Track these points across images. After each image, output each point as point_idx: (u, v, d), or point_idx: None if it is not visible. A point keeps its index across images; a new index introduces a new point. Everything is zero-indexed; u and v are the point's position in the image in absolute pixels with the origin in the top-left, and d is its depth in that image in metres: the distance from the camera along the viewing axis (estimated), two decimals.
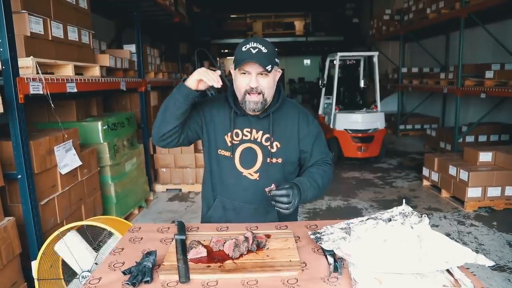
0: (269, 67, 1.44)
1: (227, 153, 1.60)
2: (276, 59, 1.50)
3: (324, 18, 16.07)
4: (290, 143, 1.60)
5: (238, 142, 1.59)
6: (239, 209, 1.63)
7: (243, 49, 1.46)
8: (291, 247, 1.29)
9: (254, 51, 1.43)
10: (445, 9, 6.28)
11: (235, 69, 1.52)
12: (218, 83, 1.40)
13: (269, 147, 1.58)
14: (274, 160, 1.58)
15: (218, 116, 1.63)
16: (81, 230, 2.16)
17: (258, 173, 1.59)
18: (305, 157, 1.63)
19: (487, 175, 4.11)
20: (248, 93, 1.49)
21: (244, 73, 1.48)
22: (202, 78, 1.41)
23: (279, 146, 1.58)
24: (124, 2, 4.82)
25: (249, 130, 1.59)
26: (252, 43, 1.46)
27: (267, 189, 1.37)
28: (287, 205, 1.34)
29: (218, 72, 1.44)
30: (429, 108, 9.34)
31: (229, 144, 1.59)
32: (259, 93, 1.49)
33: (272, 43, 1.55)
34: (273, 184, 1.38)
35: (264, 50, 1.45)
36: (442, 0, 6.38)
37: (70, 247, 1.98)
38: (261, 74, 1.47)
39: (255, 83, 1.47)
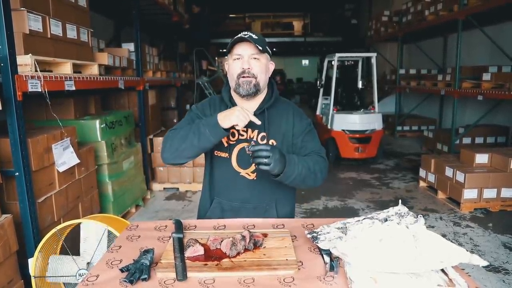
0: (260, 47, 1.50)
1: (224, 154, 1.60)
2: (267, 48, 1.56)
3: (323, 19, 16.12)
4: (285, 140, 1.61)
5: (234, 142, 1.60)
6: (237, 210, 1.63)
7: (235, 37, 1.53)
8: (288, 246, 1.30)
9: (245, 36, 1.51)
10: (444, 11, 6.32)
11: (228, 55, 1.58)
12: (257, 121, 1.44)
13: None
14: None
15: None
16: (78, 229, 2.16)
17: (255, 173, 1.60)
18: (298, 152, 1.62)
19: (483, 176, 4.13)
20: (242, 77, 1.52)
21: (237, 58, 1.54)
22: (239, 124, 1.39)
23: (275, 144, 1.59)
24: (123, 0, 4.82)
25: (245, 129, 1.59)
26: (243, 32, 1.55)
27: (246, 146, 1.38)
28: (266, 160, 1.33)
29: (252, 116, 1.43)
30: (427, 110, 9.38)
31: (226, 144, 1.60)
32: (251, 77, 1.52)
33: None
34: (252, 141, 1.42)
35: (254, 36, 1.52)
36: (440, 2, 6.41)
37: (92, 234, 2.02)
38: (254, 58, 1.52)
39: (247, 64, 1.51)
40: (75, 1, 3.04)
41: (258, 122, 1.44)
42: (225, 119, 1.40)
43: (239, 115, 1.39)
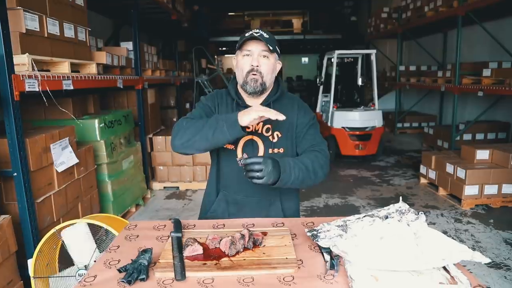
0: (271, 47, 1.50)
1: (230, 146, 1.60)
2: (277, 47, 1.56)
3: (322, 16, 16.06)
4: (289, 132, 1.61)
5: None
6: (242, 203, 1.63)
7: (246, 34, 1.54)
8: (288, 244, 1.29)
9: (257, 35, 1.51)
10: (443, 7, 6.29)
11: (237, 50, 1.57)
12: (281, 116, 1.35)
13: (270, 137, 1.59)
14: (276, 151, 1.59)
15: (221, 109, 1.64)
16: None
17: None
18: (297, 142, 1.62)
19: (484, 173, 4.12)
20: (250, 74, 1.53)
21: (247, 55, 1.54)
22: (265, 115, 1.33)
23: (280, 135, 1.59)
24: None
25: None
26: (255, 29, 1.55)
27: (237, 159, 1.36)
28: (258, 174, 1.31)
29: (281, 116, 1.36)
30: (427, 106, 9.36)
31: None
32: (259, 75, 1.53)
33: None
34: (245, 154, 1.39)
35: (266, 35, 1.52)
36: None
37: (76, 238, 1.99)
38: (263, 56, 1.53)
39: (256, 62, 1.52)
40: (72, 0, 3.02)
41: (282, 117, 1.36)
42: (245, 114, 1.36)
43: (259, 110, 1.36)
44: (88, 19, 3.29)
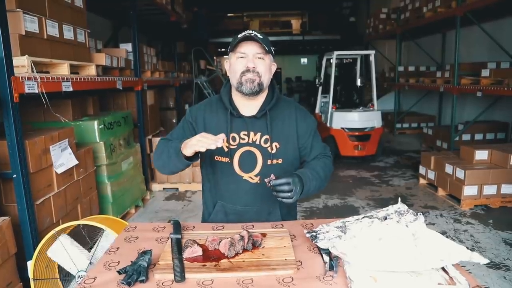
0: (266, 47, 1.46)
1: (225, 159, 1.56)
2: (271, 48, 1.52)
3: (321, 17, 16.09)
4: (289, 142, 1.57)
5: (235, 146, 1.55)
6: (241, 213, 1.60)
7: (239, 36, 1.49)
8: (287, 246, 1.29)
9: (251, 35, 1.46)
10: (442, 8, 6.30)
11: (230, 52, 1.53)
12: (218, 143, 1.30)
13: (268, 148, 1.54)
14: (274, 161, 1.55)
15: (212, 121, 1.58)
16: (78, 230, 2.15)
17: (258, 176, 1.56)
18: (305, 153, 1.61)
19: (483, 173, 4.13)
20: (245, 74, 1.48)
21: (241, 57, 1.49)
22: (199, 149, 1.33)
23: (278, 146, 1.55)
24: (121, 1, 4.81)
25: (246, 133, 1.55)
26: (248, 31, 1.50)
27: (266, 180, 1.35)
28: (289, 194, 1.31)
29: (221, 135, 1.32)
30: (426, 107, 9.37)
31: (226, 149, 1.55)
32: (256, 75, 1.48)
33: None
34: (272, 175, 1.35)
35: (260, 36, 1.48)
36: None
37: (62, 251, 1.97)
38: (258, 57, 1.48)
39: (252, 63, 1.47)
40: (72, 1, 3.02)
41: (220, 145, 1.31)
42: (186, 146, 1.36)
43: (194, 141, 1.33)
44: (88, 21, 3.29)
